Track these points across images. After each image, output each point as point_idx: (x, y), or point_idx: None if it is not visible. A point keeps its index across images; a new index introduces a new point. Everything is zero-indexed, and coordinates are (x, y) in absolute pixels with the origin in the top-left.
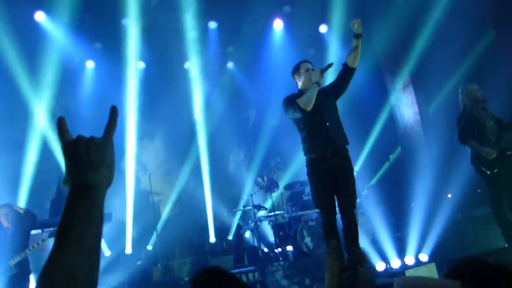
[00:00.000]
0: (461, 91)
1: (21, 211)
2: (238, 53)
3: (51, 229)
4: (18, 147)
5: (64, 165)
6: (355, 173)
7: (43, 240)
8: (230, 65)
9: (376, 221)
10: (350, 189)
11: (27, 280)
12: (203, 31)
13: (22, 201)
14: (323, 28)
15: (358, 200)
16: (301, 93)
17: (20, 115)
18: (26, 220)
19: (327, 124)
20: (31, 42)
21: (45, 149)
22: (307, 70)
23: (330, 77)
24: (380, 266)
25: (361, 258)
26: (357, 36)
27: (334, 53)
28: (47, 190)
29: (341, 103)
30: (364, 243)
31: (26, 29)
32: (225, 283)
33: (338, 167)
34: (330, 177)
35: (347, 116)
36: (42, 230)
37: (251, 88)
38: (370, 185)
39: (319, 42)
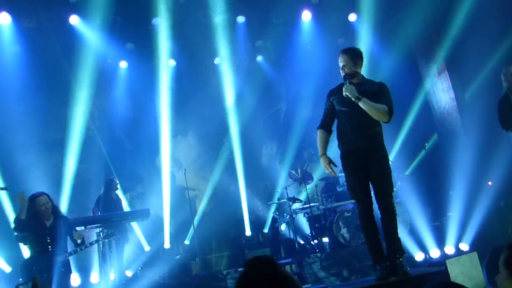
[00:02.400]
0: (503, 73)
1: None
2: (267, 46)
3: (97, 225)
4: (58, 148)
5: None
6: (390, 163)
7: (97, 241)
8: (259, 58)
9: (413, 211)
10: (385, 178)
11: (69, 279)
12: (232, 26)
13: (64, 201)
14: (352, 17)
15: (394, 189)
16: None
17: (59, 117)
18: (64, 222)
19: (357, 116)
20: (67, 46)
21: (84, 149)
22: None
23: None
24: (419, 256)
25: (400, 248)
26: (357, 99)
27: (364, 42)
28: (87, 189)
29: None
30: (402, 233)
31: (62, 33)
32: (275, 270)
33: (371, 157)
34: (363, 167)
35: None
36: (85, 227)
37: (282, 80)
38: (406, 174)
39: (349, 31)
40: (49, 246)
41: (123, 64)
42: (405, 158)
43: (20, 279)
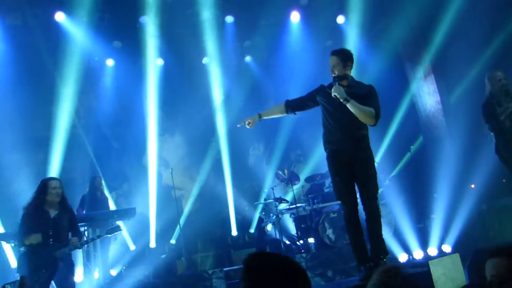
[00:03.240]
0: (487, 78)
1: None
2: (255, 47)
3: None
4: (43, 146)
5: None
6: (376, 164)
7: (99, 237)
8: (248, 59)
9: (398, 212)
10: (370, 180)
11: (73, 273)
12: (220, 26)
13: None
14: (340, 19)
15: (380, 191)
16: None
17: (43, 115)
18: (70, 217)
19: (345, 118)
20: (52, 43)
21: (69, 148)
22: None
23: None
24: (402, 257)
25: (384, 249)
26: (346, 101)
27: (352, 44)
28: (72, 187)
29: None
30: (386, 234)
31: (48, 30)
32: (276, 263)
33: (356, 158)
34: (348, 169)
35: None
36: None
37: (270, 81)
38: (392, 176)
39: (337, 34)
40: (51, 239)
41: (110, 62)
42: (391, 160)
43: (17, 273)
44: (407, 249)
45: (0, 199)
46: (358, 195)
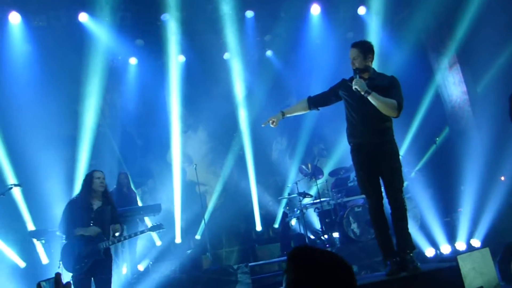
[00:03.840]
0: None
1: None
2: (276, 41)
3: None
4: (70, 144)
5: None
6: (400, 157)
7: (142, 232)
8: (269, 53)
9: (424, 206)
10: (395, 173)
11: (110, 267)
12: (241, 21)
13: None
14: (361, 10)
15: (405, 184)
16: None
17: (70, 114)
18: (112, 210)
19: (367, 110)
20: (76, 43)
21: (95, 145)
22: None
23: None
24: (429, 252)
25: (410, 243)
26: (367, 93)
27: (374, 36)
28: None
29: None
30: (412, 228)
31: (72, 31)
32: (323, 256)
33: (380, 151)
34: (373, 162)
35: None
36: None
37: (291, 75)
38: (417, 169)
39: (358, 25)
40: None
41: (133, 61)
42: (416, 153)
43: (60, 262)
44: (434, 244)
45: (30, 197)
46: (383, 189)
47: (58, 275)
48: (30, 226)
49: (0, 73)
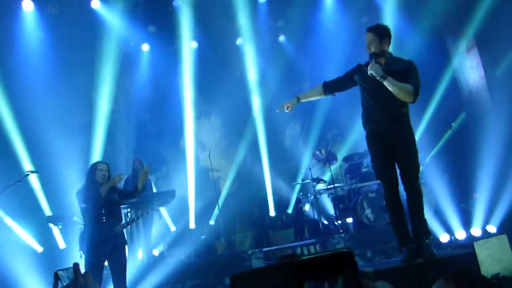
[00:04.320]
0: None
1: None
2: (289, 26)
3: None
4: (84, 131)
5: None
6: (416, 143)
7: (142, 216)
8: (281, 38)
9: (439, 192)
10: (411, 159)
11: (124, 251)
12: (253, 6)
13: None
14: None
15: (420, 169)
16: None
17: (84, 101)
18: (118, 194)
19: (383, 96)
20: (89, 30)
21: (110, 132)
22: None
23: None
24: (444, 238)
25: (426, 229)
26: (382, 78)
27: (389, 19)
28: (114, 170)
29: None
30: (427, 214)
31: (84, 18)
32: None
33: (396, 137)
34: (388, 148)
35: None
36: None
37: (304, 60)
38: (432, 154)
39: (373, 9)
40: (103, 218)
41: (145, 47)
42: (431, 138)
43: (80, 251)
44: (448, 229)
45: (47, 183)
46: (398, 174)
47: (76, 266)
48: (47, 212)
49: (14, 61)
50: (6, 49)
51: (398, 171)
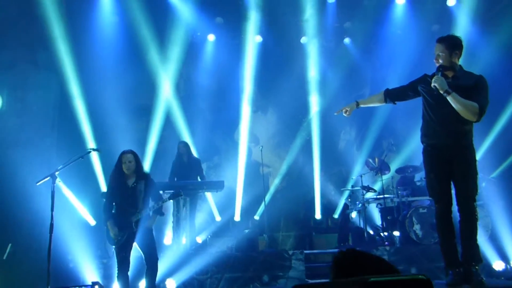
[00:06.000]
0: None
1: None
2: (355, 28)
3: (171, 191)
4: (145, 114)
5: None
6: (476, 163)
7: (164, 201)
8: (347, 40)
9: (497, 216)
10: (469, 180)
11: (152, 234)
12: (321, 5)
13: (147, 164)
14: (451, 1)
15: (478, 191)
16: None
17: (148, 85)
18: (147, 183)
19: (446, 111)
20: (159, 17)
21: (168, 117)
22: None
23: None
24: (498, 265)
25: (477, 256)
26: (446, 93)
27: (462, 30)
28: (168, 154)
29: None
30: (481, 238)
31: (156, 5)
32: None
33: (456, 155)
34: (446, 166)
35: None
36: (163, 191)
37: (367, 65)
38: (492, 177)
39: (445, 17)
40: (125, 206)
41: (211, 38)
42: (494, 159)
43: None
44: (504, 257)
45: (105, 161)
46: (453, 194)
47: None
48: (103, 188)
49: (90, 42)
50: (84, 32)
51: (453, 190)
